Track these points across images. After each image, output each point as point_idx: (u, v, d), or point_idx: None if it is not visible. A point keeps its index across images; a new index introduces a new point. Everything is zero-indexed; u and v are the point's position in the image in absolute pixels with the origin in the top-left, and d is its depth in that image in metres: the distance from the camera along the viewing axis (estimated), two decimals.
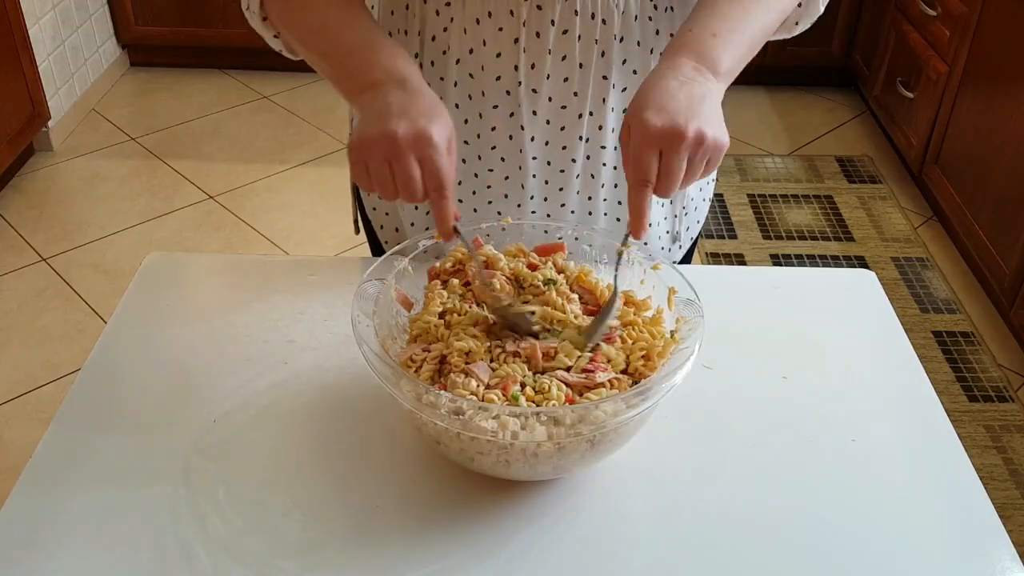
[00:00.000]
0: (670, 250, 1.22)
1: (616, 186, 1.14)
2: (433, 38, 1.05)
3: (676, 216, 1.21)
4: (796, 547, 0.84)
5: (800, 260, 2.77)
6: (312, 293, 1.12)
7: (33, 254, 2.77)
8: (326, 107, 3.47)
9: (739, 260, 2.74)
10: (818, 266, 2.71)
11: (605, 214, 1.17)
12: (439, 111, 0.86)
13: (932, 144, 2.88)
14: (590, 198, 1.15)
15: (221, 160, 3.21)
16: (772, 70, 3.60)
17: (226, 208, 2.98)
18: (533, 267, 0.96)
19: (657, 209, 1.19)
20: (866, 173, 3.18)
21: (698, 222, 1.26)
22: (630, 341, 0.89)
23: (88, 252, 2.78)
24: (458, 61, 1.05)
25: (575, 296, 0.94)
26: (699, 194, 1.24)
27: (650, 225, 1.18)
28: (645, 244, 0.93)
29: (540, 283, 0.93)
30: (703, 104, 0.84)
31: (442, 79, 1.07)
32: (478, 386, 0.83)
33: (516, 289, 0.94)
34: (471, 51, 1.03)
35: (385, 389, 0.82)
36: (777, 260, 2.76)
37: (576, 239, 1.00)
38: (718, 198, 3.03)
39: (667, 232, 1.21)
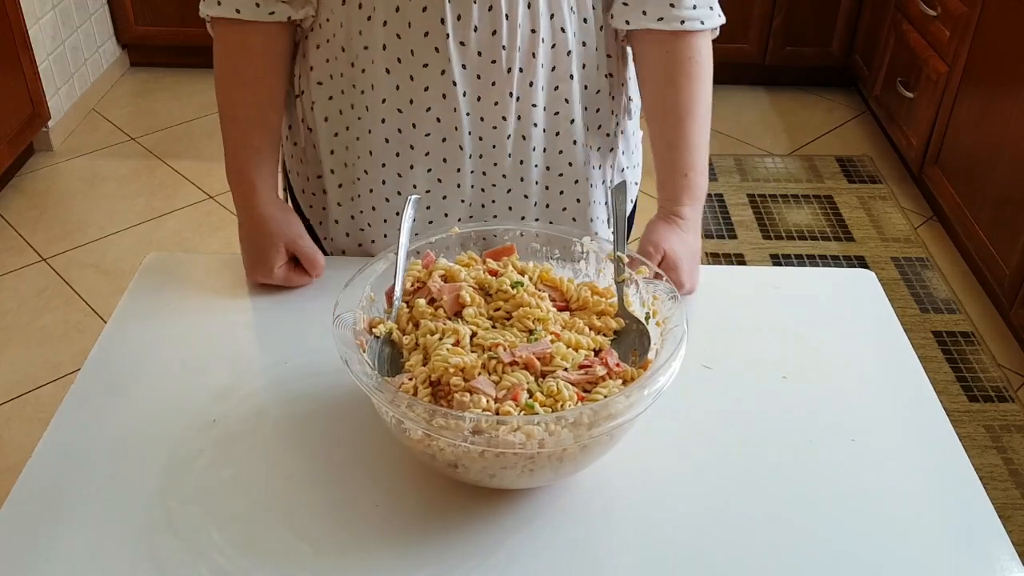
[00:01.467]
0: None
1: (545, 150, 1.16)
2: (360, 5, 1.06)
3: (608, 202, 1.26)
4: (794, 547, 0.84)
5: (800, 260, 2.76)
6: (312, 293, 1.12)
7: (33, 254, 2.77)
8: None
9: (739, 260, 2.74)
10: (818, 266, 2.71)
11: (536, 182, 1.17)
12: (269, 235, 1.10)
13: (932, 144, 2.88)
14: (522, 162, 1.15)
15: (221, 160, 3.19)
16: (772, 70, 3.60)
17: (226, 208, 2.98)
18: (494, 273, 0.96)
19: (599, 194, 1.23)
20: (866, 173, 3.18)
21: (635, 183, 1.30)
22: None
23: (88, 252, 2.78)
24: (385, 23, 1.05)
25: (544, 294, 0.94)
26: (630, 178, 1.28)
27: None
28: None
29: (508, 287, 0.93)
30: (696, 262, 1.13)
31: (367, 48, 1.07)
32: (488, 401, 0.82)
33: (484, 298, 0.94)
34: (397, 9, 1.04)
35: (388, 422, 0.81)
36: (777, 260, 2.76)
37: (521, 235, 1.01)
38: (718, 198, 3.03)
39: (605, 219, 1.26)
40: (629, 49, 1.16)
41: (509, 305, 0.92)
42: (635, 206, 1.32)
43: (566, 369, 0.86)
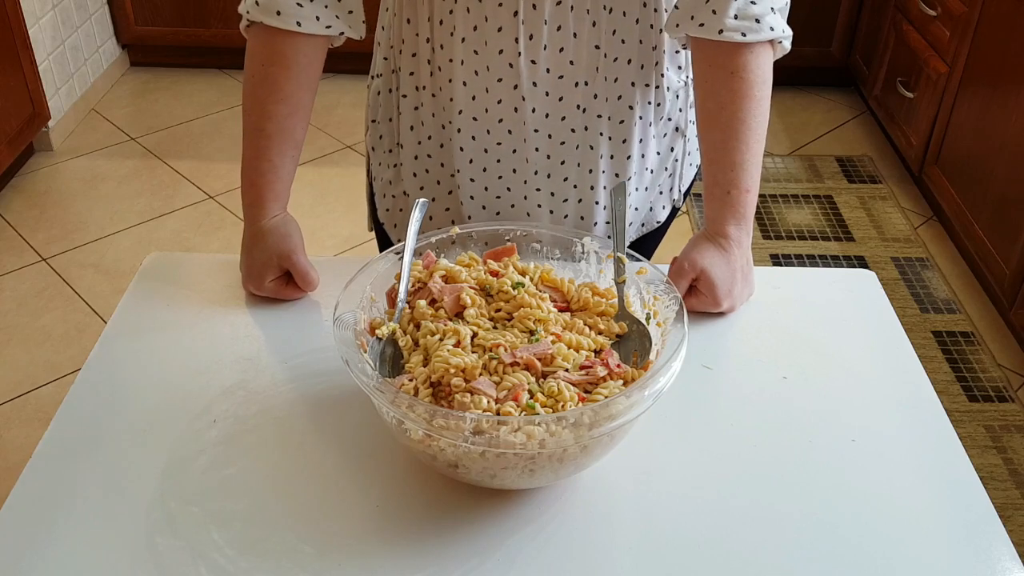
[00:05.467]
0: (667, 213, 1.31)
1: (612, 157, 1.18)
2: (440, 22, 1.10)
3: (672, 188, 1.29)
4: (795, 547, 0.84)
5: (800, 260, 2.76)
6: (313, 293, 1.12)
7: (33, 254, 2.77)
8: (326, 107, 3.47)
9: None
10: (818, 266, 2.71)
11: (604, 187, 1.20)
12: (265, 250, 1.10)
13: (932, 144, 2.88)
14: (590, 171, 1.19)
15: (221, 160, 3.21)
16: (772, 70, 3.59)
17: (226, 208, 2.98)
18: (495, 274, 0.96)
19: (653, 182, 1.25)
20: (866, 173, 3.18)
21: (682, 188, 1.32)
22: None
23: (88, 252, 2.78)
24: (464, 40, 1.10)
25: (546, 295, 0.94)
26: (689, 168, 1.30)
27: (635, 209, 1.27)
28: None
29: (509, 288, 0.93)
30: (739, 281, 1.10)
31: (451, 60, 1.12)
32: (489, 402, 0.82)
33: (485, 298, 0.94)
34: (475, 28, 1.08)
35: (388, 420, 0.81)
36: (777, 260, 2.76)
37: (524, 235, 1.02)
38: None
39: (663, 207, 1.29)
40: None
41: (510, 306, 0.92)
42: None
43: (567, 370, 0.86)
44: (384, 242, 1.33)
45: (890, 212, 2.98)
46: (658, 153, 1.22)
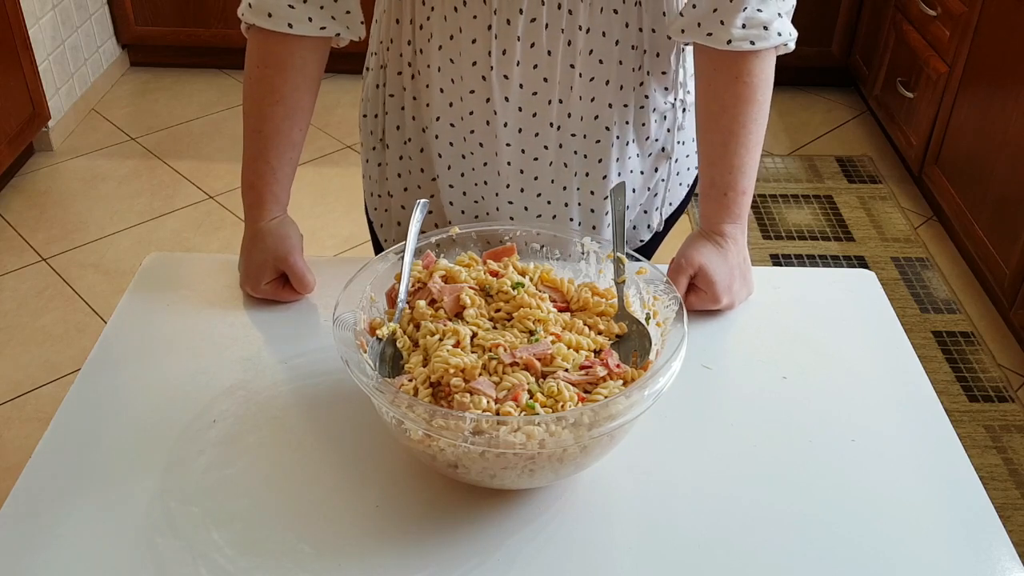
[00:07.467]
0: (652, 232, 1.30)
1: (588, 175, 1.17)
2: (420, 26, 1.10)
3: (658, 208, 1.27)
4: (794, 547, 0.84)
5: (800, 260, 2.76)
6: (312, 293, 1.12)
7: (33, 254, 2.77)
8: (326, 107, 3.47)
9: None
10: (818, 266, 2.71)
11: (579, 204, 1.19)
12: (262, 251, 1.11)
13: (932, 144, 2.88)
14: (564, 188, 1.18)
15: (221, 160, 3.21)
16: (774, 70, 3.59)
17: (226, 208, 2.98)
18: (495, 274, 0.95)
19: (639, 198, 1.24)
20: (866, 173, 3.18)
21: (671, 204, 1.30)
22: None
23: (88, 252, 2.78)
24: (440, 48, 1.09)
25: (545, 295, 0.94)
26: (679, 187, 1.29)
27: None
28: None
29: (509, 288, 0.93)
30: (737, 277, 1.10)
31: (428, 66, 1.12)
32: (489, 402, 0.82)
33: (485, 299, 0.94)
34: (451, 37, 1.08)
35: (388, 420, 0.81)
36: (777, 260, 2.76)
37: (522, 235, 1.02)
38: None
39: (648, 227, 1.28)
40: (685, 68, 1.16)
41: (510, 306, 0.92)
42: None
43: (567, 370, 0.86)
44: (374, 240, 1.33)
45: (890, 212, 2.98)
46: (641, 173, 1.20)
